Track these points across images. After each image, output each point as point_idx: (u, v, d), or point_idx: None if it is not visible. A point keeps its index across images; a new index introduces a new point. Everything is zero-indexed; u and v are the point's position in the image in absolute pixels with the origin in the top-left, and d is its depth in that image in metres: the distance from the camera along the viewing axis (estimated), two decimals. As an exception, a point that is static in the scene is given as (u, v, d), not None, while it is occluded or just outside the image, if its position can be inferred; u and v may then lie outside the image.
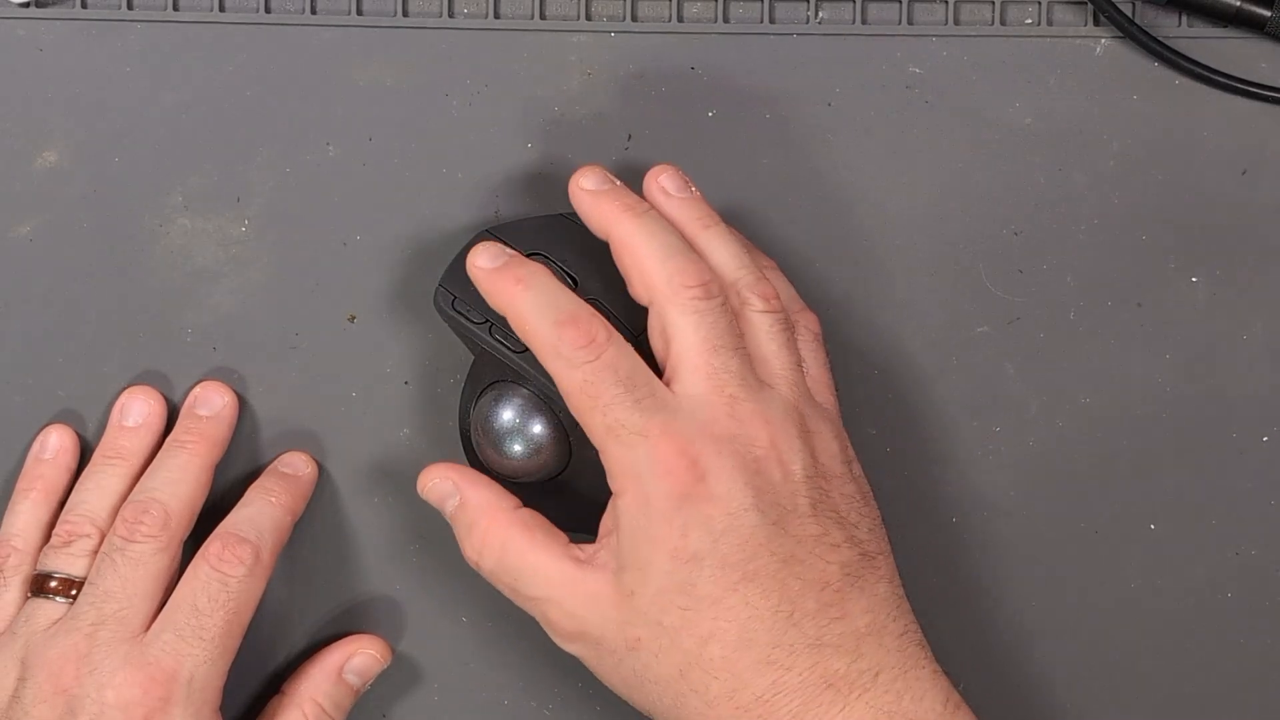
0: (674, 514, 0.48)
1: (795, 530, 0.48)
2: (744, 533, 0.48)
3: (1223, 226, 0.58)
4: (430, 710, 0.58)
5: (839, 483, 0.50)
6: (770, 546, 0.48)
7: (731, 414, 0.49)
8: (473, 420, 0.54)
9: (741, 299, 0.51)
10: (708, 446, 0.48)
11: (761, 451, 0.49)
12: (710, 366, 0.49)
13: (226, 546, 0.54)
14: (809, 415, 0.50)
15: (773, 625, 0.48)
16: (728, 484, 0.48)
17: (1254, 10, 0.56)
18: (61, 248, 0.58)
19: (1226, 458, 0.58)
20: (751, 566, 0.48)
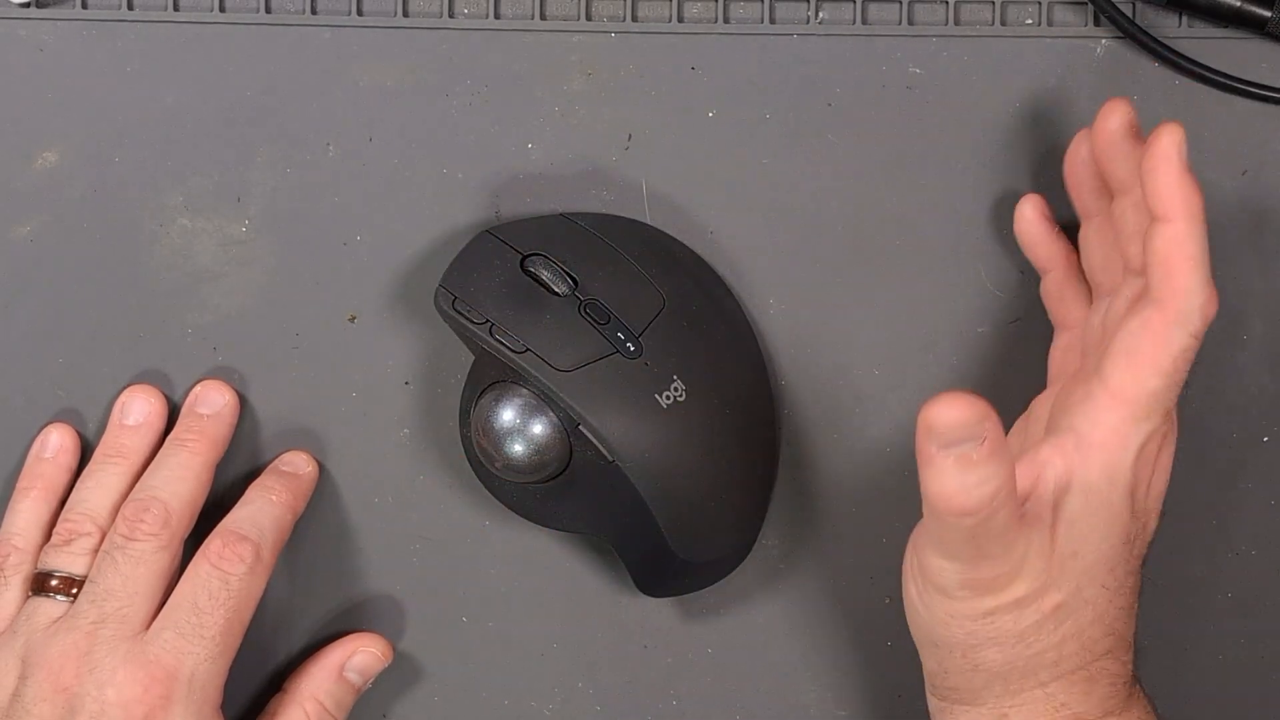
0: (1130, 495, 0.48)
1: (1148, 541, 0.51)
2: (1147, 535, 0.50)
3: (1223, 226, 0.58)
4: (430, 709, 0.58)
5: None
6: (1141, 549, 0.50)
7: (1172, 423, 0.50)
8: (473, 420, 0.54)
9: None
10: (1165, 449, 0.50)
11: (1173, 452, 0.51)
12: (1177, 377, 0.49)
13: (227, 545, 0.54)
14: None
15: (1127, 619, 0.50)
16: (1159, 488, 0.50)
17: (1254, 10, 0.56)
18: (61, 248, 0.58)
19: (1226, 458, 0.58)
20: (1135, 563, 0.50)
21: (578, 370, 0.53)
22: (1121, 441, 0.48)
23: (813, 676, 0.58)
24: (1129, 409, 0.48)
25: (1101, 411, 0.48)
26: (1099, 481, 0.48)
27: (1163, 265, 0.47)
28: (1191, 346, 0.48)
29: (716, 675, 0.58)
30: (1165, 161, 0.48)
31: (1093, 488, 0.48)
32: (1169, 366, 0.48)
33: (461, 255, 0.55)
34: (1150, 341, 0.48)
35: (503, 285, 0.54)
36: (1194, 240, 0.47)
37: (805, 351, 0.58)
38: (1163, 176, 0.48)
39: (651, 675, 0.58)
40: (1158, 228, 0.48)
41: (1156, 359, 0.48)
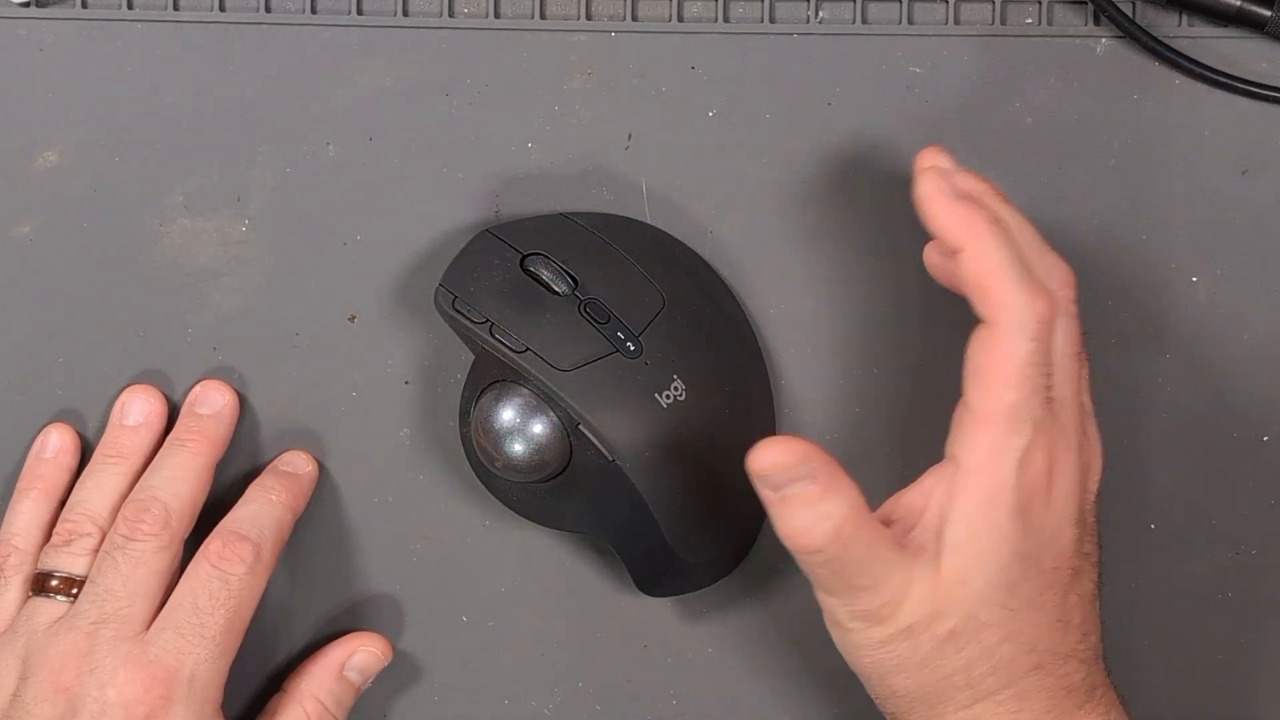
0: (1022, 513, 0.48)
1: (1084, 547, 0.50)
2: (1062, 544, 0.49)
3: (1223, 226, 0.58)
4: (430, 709, 0.58)
5: (1096, 506, 0.51)
6: (1070, 560, 0.49)
7: (1078, 425, 0.49)
8: (473, 420, 0.54)
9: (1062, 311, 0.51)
10: (1064, 456, 0.48)
11: (1084, 466, 0.50)
12: (1071, 372, 0.49)
13: (227, 544, 0.54)
14: (1090, 431, 0.51)
15: (1051, 633, 0.48)
16: (1066, 496, 0.48)
17: (1254, 10, 0.56)
18: (61, 248, 0.58)
19: (1226, 458, 0.58)
20: (1055, 577, 0.48)
21: (578, 370, 0.53)
22: (997, 462, 0.47)
23: (812, 676, 0.58)
24: (994, 428, 0.47)
25: (970, 434, 0.48)
26: (980, 506, 0.47)
27: (976, 289, 0.48)
28: (1034, 350, 0.47)
29: (716, 675, 0.58)
30: (929, 202, 0.48)
31: (975, 513, 0.47)
32: (1017, 377, 0.47)
33: (461, 255, 0.55)
34: (990, 357, 0.47)
35: (503, 285, 0.54)
36: (990, 254, 0.48)
37: (805, 351, 0.58)
38: (934, 216, 0.48)
39: (651, 675, 0.58)
40: (957, 260, 0.48)
41: (1002, 372, 0.47)
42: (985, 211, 0.48)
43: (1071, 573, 0.49)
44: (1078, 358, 0.50)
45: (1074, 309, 0.50)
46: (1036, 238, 0.50)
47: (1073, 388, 0.49)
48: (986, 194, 0.50)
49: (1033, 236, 0.50)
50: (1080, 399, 0.50)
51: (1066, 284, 0.50)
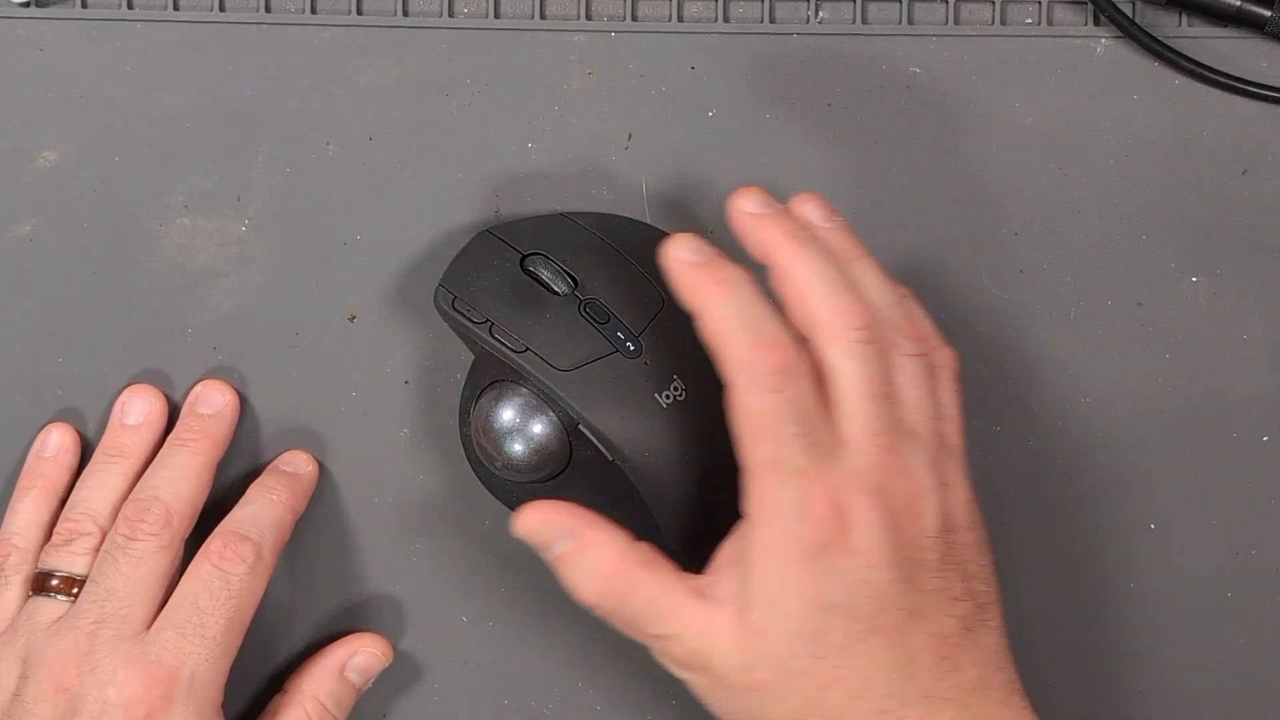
0: (812, 560, 0.47)
1: (921, 584, 0.48)
2: (877, 586, 0.47)
3: (1223, 226, 0.58)
4: (430, 709, 0.58)
5: (964, 533, 0.50)
6: (898, 601, 0.47)
7: (882, 464, 0.48)
8: (473, 420, 0.54)
9: (890, 341, 0.50)
10: (857, 498, 0.47)
11: (902, 505, 0.48)
12: (868, 414, 0.48)
13: (228, 544, 0.54)
14: (946, 465, 0.50)
15: (890, 676, 0.47)
16: (868, 538, 0.47)
17: (1254, 10, 0.56)
18: (61, 248, 0.58)
19: (1226, 458, 0.58)
20: (879, 620, 0.47)
21: (577, 370, 0.52)
22: (775, 514, 0.47)
23: (813, 676, 0.58)
24: (762, 482, 0.48)
25: (748, 494, 0.48)
26: (767, 558, 0.47)
27: (712, 348, 0.48)
28: (775, 402, 0.47)
29: (716, 675, 0.58)
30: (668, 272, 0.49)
31: (763, 566, 0.47)
32: (762, 432, 0.47)
33: (461, 255, 0.55)
34: (737, 417, 0.48)
35: (502, 285, 0.54)
36: (714, 320, 0.48)
37: (805, 351, 0.58)
38: (674, 282, 0.49)
39: (651, 675, 0.58)
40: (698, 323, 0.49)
41: (747, 429, 0.48)
42: (719, 273, 0.49)
43: (904, 614, 0.47)
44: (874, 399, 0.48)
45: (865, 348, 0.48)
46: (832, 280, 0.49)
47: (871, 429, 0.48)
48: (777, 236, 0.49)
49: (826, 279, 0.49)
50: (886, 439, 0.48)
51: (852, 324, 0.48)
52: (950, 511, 0.49)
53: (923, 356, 0.50)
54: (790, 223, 0.50)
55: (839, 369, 0.48)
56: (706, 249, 0.49)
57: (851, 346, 0.48)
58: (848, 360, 0.48)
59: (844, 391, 0.48)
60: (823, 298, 0.48)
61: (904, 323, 0.50)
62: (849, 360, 0.48)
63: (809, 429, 0.47)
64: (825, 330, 0.48)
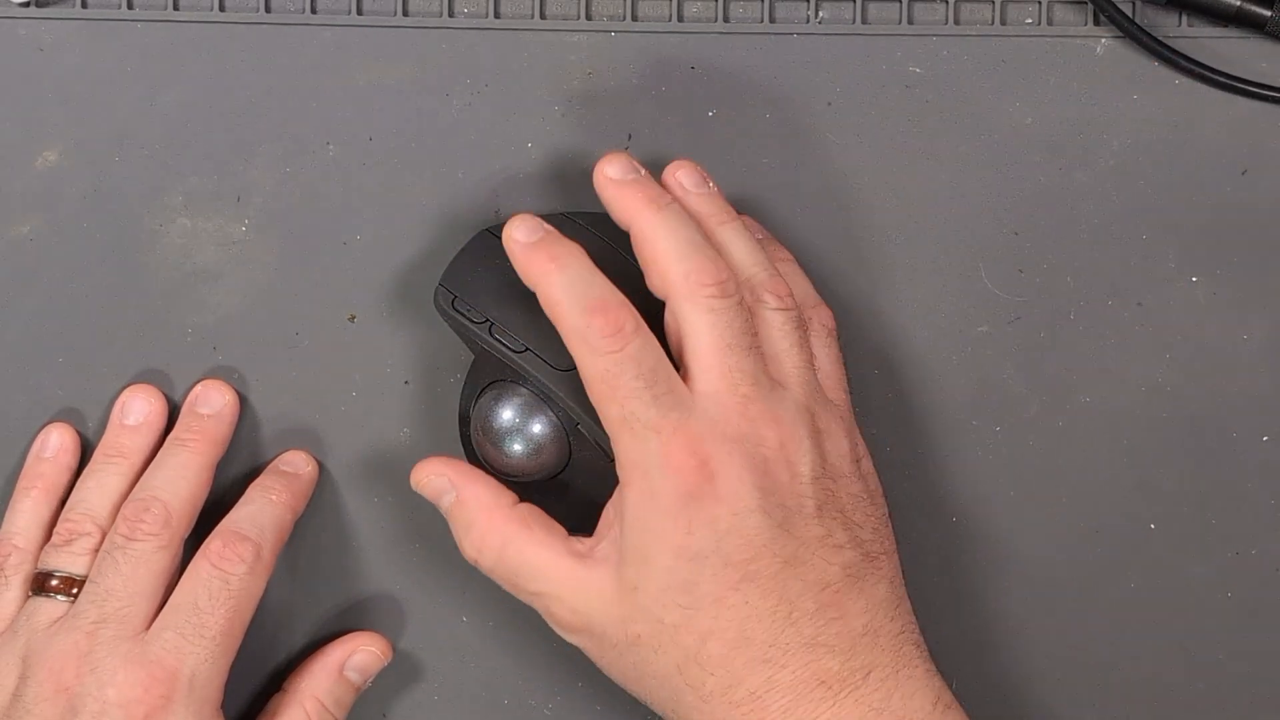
0: (680, 511, 0.48)
1: (799, 531, 0.49)
2: (748, 533, 0.48)
3: (1223, 226, 0.58)
4: (430, 709, 0.58)
5: (846, 482, 0.50)
6: (773, 548, 0.48)
7: (743, 414, 0.49)
8: (473, 420, 0.54)
9: (755, 296, 0.51)
10: (718, 446, 0.48)
11: (770, 452, 0.49)
12: (724, 365, 0.49)
13: (227, 544, 0.54)
14: (819, 414, 0.51)
15: (770, 625, 0.48)
16: (735, 485, 0.48)
17: (1254, 10, 0.56)
18: (61, 248, 0.58)
19: (1226, 458, 0.58)
20: (753, 567, 0.48)
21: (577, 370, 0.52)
22: (637, 468, 0.49)
23: (813, 676, 0.58)
24: (620, 440, 0.49)
25: (615, 454, 0.49)
26: (636, 513, 0.48)
27: (554, 324, 0.50)
28: (613, 362, 0.49)
29: (716, 675, 0.58)
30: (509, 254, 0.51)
31: (634, 521, 0.49)
32: (606, 389, 0.49)
33: (461, 254, 0.55)
34: (587, 386, 0.50)
35: (502, 284, 0.54)
36: (548, 296, 0.50)
37: (805, 351, 0.58)
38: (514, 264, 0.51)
39: (651, 675, 0.58)
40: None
41: (595, 391, 0.49)
42: (550, 249, 0.50)
43: (781, 561, 0.48)
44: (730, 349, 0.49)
45: (720, 302, 0.49)
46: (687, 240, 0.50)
47: (729, 380, 0.49)
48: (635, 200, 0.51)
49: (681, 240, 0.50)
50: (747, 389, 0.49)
51: (704, 281, 0.50)
52: (828, 459, 0.50)
53: (788, 311, 0.51)
54: (650, 188, 0.51)
55: (693, 324, 0.49)
56: (540, 228, 0.51)
57: (705, 302, 0.49)
58: (702, 315, 0.49)
59: (699, 345, 0.49)
60: (675, 259, 0.50)
61: (768, 280, 0.51)
62: (703, 315, 0.49)
63: (652, 382, 0.49)
64: (678, 289, 0.50)
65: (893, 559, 0.51)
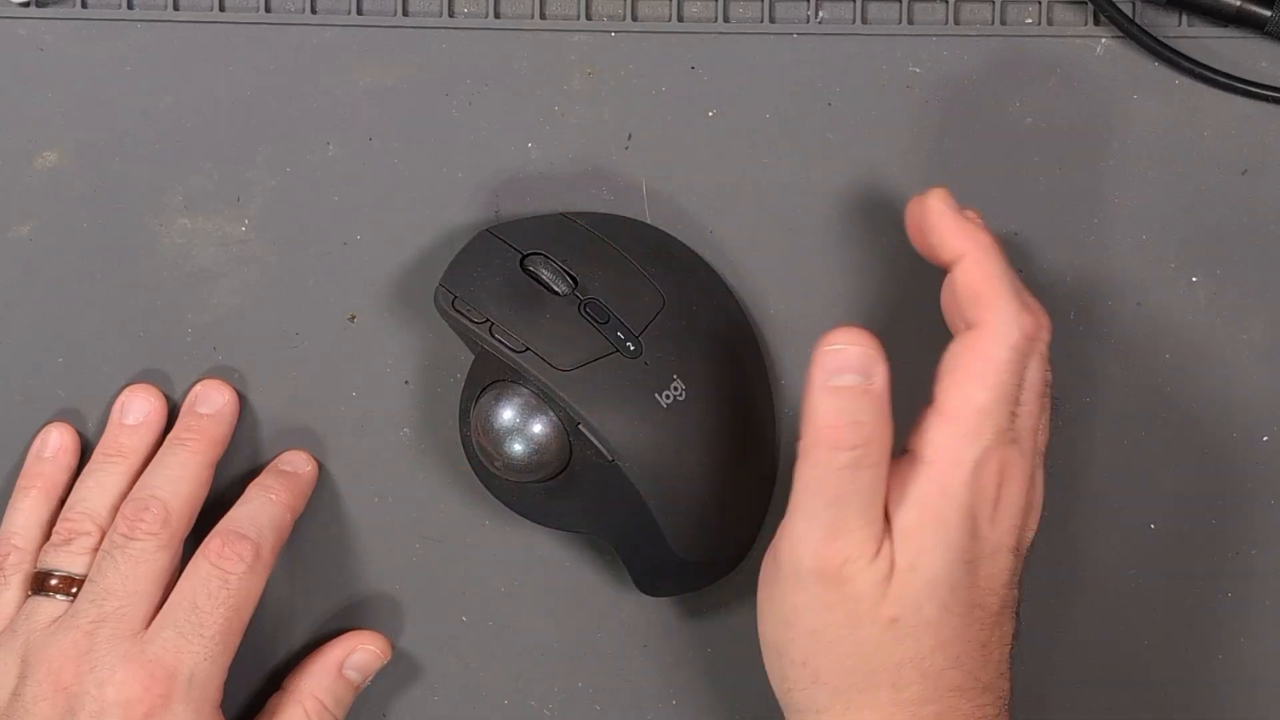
0: (968, 516, 0.48)
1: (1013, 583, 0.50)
2: (998, 566, 0.49)
3: (1223, 226, 0.58)
4: (430, 708, 0.58)
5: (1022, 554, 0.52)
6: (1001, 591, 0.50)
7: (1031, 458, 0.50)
8: (473, 420, 0.54)
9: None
10: (1015, 477, 0.49)
11: (1029, 501, 0.50)
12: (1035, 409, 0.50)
13: (226, 543, 0.54)
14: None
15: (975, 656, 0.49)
16: (1009, 518, 0.49)
17: (1254, 10, 0.56)
18: (61, 248, 0.58)
19: (1226, 458, 0.58)
20: (987, 598, 0.49)
21: (577, 370, 0.53)
22: (954, 458, 0.48)
23: (812, 676, 0.58)
24: (957, 426, 0.48)
25: (932, 431, 0.49)
26: (932, 496, 0.48)
27: (969, 292, 0.49)
28: (1013, 359, 0.48)
29: (716, 675, 0.58)
30: (936, 214, 0.50)
31: (926, 501, 0.48)
32: (992, 380, 0.48)
33: (461, 254, 0.55)
34: (970, 357, 0.48)
35: (502, 284, 0.54)
36: (991, 263, 0.49)
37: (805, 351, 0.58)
38: (939, 228, 0.50)
39: (651, 675, 0.58)
40: (956, 268, 0.49)
41: (978, 372, 0.48)
42: (986, 232, 0.50)
43: (1000, 603, 0.49)
44: (1042, 399, 0.50)
45: (1047, 352, 0.50)
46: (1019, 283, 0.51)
47: (1032, 424, 0.50)
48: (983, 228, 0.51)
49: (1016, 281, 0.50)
50: (1035, 441, 0.50)
51: (1046, 326, 0.50)
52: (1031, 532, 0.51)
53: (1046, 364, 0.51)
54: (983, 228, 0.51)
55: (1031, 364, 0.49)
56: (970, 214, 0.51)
57: (1041, 347, 0.50)
58: (1038, 358, 0.50)
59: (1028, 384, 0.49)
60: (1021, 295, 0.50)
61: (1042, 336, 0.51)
62: (1038, 358, 0.50)
63: (1016, 401, 0.49)
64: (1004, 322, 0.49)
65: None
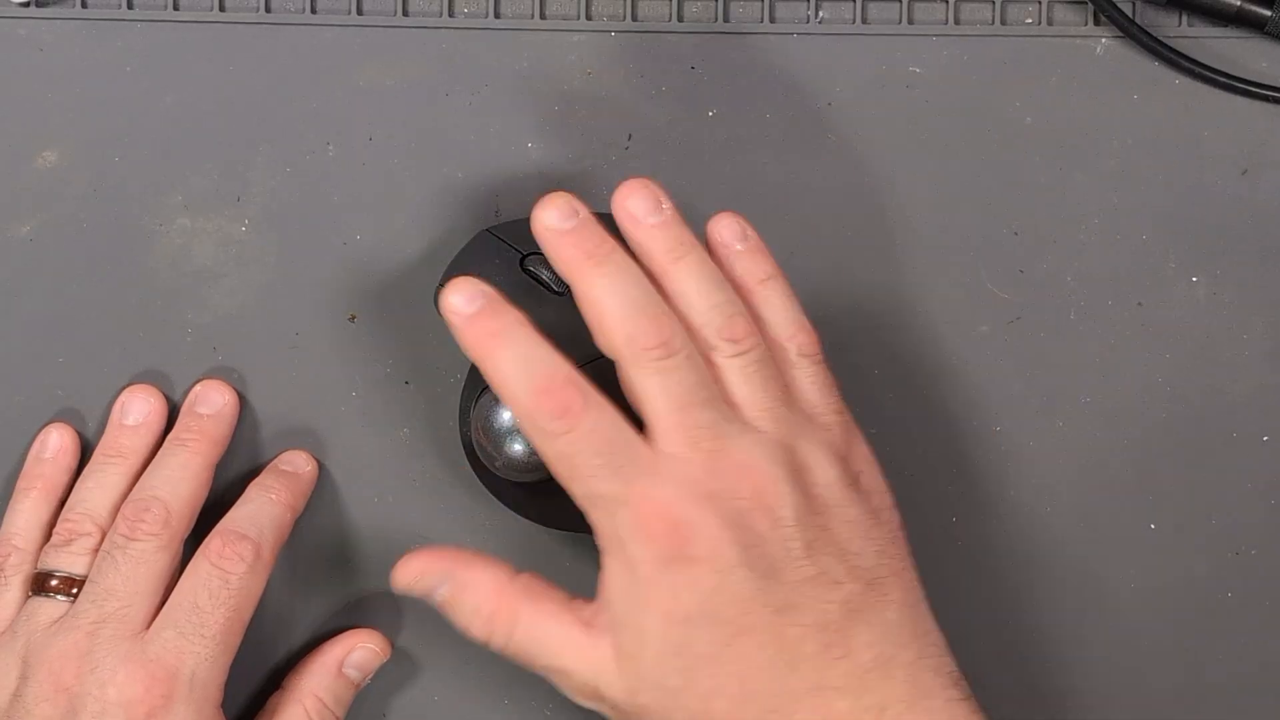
0: (661, 577, 0.47)
1: (789, 576, 0.47)
2: (734, 589, 0.47)
3: (1223, 226, 0.58)
4: (429, 708, 0.58)
5: (839, 511, 0.49)
6: (762, 599, 0.47)
7: (711, 470, 0.48)
8: (473, 420, 0.54)
9: (710, 344, 0.49)
10: (690, 507, 0.47)
11: (745, 503, 0.48)
12: (683, 425, 0.48)
13: (227, 544, 0.54)
14: (799, 448, 0.49)
15: (772, 676, 0.47)
16: (713, 543, 0.47)
17: (1254, 10, 0.56)
18: (61, 248, 0.58)
19: (1226, 458, 0.58)
20: (745, 620, 0.47)
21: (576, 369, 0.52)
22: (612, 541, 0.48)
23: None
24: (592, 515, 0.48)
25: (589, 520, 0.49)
26: (620, 583, 0.48)
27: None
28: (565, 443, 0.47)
29: (716, 675, 0.58)
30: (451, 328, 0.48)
31: (619, 592, 0.48)
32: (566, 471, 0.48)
33: (461, 254, 0.55)
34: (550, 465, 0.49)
35: (502, 284, 0.54)
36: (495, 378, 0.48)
37: (805, 351, 0.58)
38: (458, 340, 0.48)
39: (651, 675, 0.58)
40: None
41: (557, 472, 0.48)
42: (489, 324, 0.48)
43: (773, 610, 0.47)
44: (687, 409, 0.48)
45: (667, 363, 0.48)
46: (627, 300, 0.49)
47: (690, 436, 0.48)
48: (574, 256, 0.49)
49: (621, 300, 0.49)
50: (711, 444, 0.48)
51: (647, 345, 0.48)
52: (814, 493, 0.49)
53: (746, 353, 0.50)
54: (588, 239, 0.49)
55: (644, 388, 0.48)
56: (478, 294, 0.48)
57: (652, 365, 0.48)
58: (651, 378, 0.48)
59: (654, 408, 0.48)
60: (618, 322, 0.48)
61: (722, 325, 0.49)
62: (652, 378, 0.48)
63: (610, 456, 0.47)
64: (623, 355, 0.48)
65: (903, 579, 0.49)
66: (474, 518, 0.58)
